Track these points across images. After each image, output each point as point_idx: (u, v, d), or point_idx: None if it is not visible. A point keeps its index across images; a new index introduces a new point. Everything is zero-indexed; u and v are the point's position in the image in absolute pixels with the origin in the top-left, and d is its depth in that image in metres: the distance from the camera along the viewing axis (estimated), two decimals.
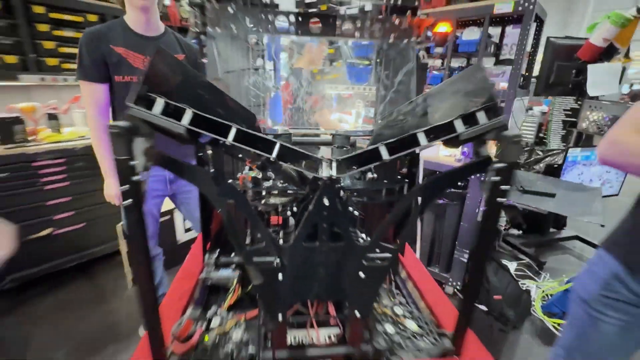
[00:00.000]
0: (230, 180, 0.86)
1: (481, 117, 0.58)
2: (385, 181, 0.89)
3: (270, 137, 0.54)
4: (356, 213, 0.87)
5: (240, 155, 0.85)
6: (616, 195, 2.50)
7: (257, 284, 0.63)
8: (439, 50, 1.91)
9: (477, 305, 1.97)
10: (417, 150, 0.58)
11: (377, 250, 0.64)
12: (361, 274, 0.64)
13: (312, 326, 0.72)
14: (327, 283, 0.67)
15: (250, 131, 0.53)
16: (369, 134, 1.03)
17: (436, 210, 1.96)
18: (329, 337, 0.72)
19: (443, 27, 1.86)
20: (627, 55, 2.23)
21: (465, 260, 1.92)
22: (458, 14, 1.90)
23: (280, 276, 0.63)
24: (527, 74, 2.04)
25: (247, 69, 0.89)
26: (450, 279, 2.03)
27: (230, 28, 0.75)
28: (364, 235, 0.88)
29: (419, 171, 0.80)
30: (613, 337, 0.85)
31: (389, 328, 0.81)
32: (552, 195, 1.73)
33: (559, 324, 1.82)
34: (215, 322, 0.78)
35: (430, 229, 2.04)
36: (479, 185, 1.72)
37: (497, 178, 0.59)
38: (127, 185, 0.50)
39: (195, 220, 1.59)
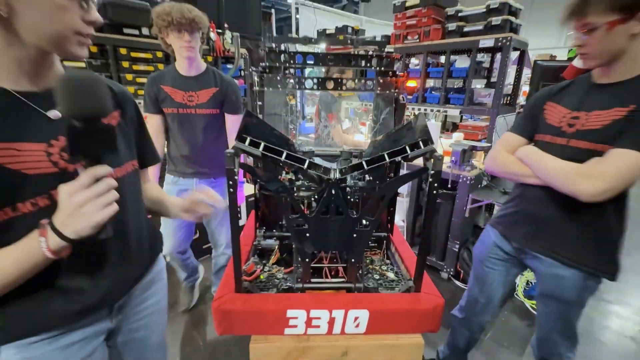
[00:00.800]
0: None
1: (421, 145, 1.01)
2: (377, 181, 1.33)
3: (301, 155, 1.00)
4: (354, 199, 1.31)
5: (281, 164, 1.32)
6: None
7: (294, 240, 1.09)
8: (409, 97, 2.33)
9: (465, 287, 2.34)
10: (385, 163, 1.02)
11: (364, 221, 1.08)
12: (354, 235, 1.08)
13: (325, 274, 1.17)
14: (335, 240, 1.12)
15: (292, 153, 0.99)
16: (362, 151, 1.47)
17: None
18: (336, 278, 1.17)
19: (412, 83, 2.35)
20: None
21: (457, 250, 2.30)
22: (451, 46, 2.31)
23: (307, 235, 1.08)
24: (512, 94, 2.40)
25: (286, 107, 1.37)
26: (445, 266, 2.41)
27: (277, 87, 1.22)
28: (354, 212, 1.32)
29: (399, 174, 1.24)
30: (497, 278, 1.31)
31: (376, 277, 1.25)
32: None
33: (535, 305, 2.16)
34: (265, 269, 1.25)
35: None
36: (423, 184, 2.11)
37: (432, 179, 1.01)
38: (231, 181, 0.97)
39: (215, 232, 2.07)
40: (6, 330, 0.63)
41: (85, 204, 0.53)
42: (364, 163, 0.99)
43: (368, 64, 1.21)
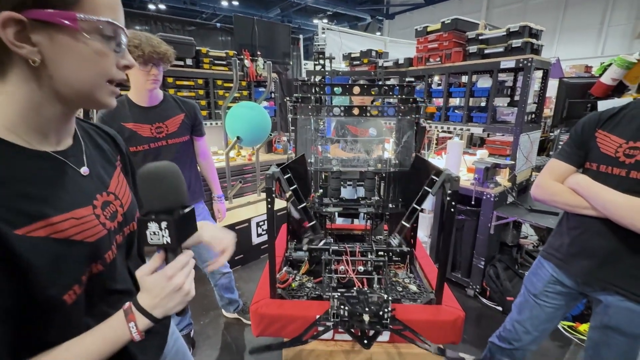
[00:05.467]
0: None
1: (436, 179, 1.11)
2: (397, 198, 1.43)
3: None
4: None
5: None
6: None
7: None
8: (429, 121, 2.42)
9: (493, 305, 2.32)
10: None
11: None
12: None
13: (353, 284, 1.27)
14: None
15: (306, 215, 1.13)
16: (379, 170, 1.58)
17: (456, 225, 2.38)
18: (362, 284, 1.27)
19: (430, 110, 2.49)
20: (638, 90, 2.47)
21: (482, 266, 2.30)
22: (472, 67, 2.39)
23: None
24: (536, 112, 2.42)
25: (315, 131, 1.52)
26: (471, 283, 2.41)
27: (309, 115, 1.38)
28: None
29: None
30: (554, 313, 1.26)
31: (399, 289, 1.33)
32: (556, 214, 2.07)
33: (568, 326, 2.10)
34: (296, 278, 1.38)
35: (451, 241, 2.46)
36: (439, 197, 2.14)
37: (450, 198, 1.10)
38: (269, 199, 1.12)
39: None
40: None
41: (183, 285, 0.56)
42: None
43: (390, 93, 1.33)
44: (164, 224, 0.54)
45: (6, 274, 0.44)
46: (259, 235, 2.90)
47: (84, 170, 0.58)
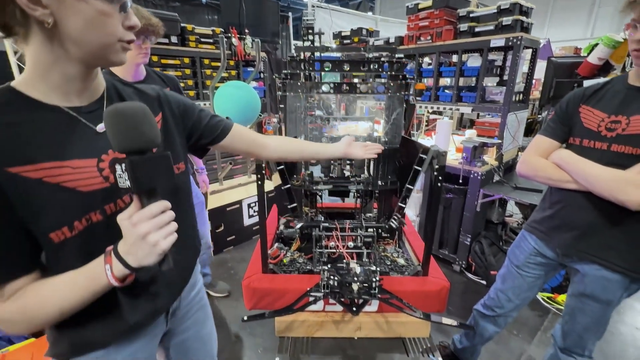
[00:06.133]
0: (295, 175, 1.48)
1: (424, 156, 1.12)
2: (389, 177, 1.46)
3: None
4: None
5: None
6: None
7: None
8: (418, 98, 2.42)
9: (478, 279, 2.42)
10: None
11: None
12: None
13: (343, 259, 1.31)
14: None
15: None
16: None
17: (444, 203, 2.44)
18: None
19: (420, 87, 2.47)
20: (623, 70, 2.51)
21: (468, 243, 2.38)
22: (463, 46, 2.38)
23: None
24: (524, 92, 2.45)
25: (305, 107, 1.51)
26: (457, 259, 2.50)
27: (298, 92, 1.36)
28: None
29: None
30: (534, 282, 1.33)
31: (387, 262, 1.38)
32: (540, 192, 2.14)
33: (547, 297, 2.21)
34: (287, 254, 1.41)
35: (439, 219, 2.53)
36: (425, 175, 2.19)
37: (437, 173, 1.13)
38: (259, 175, 1.13)
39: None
40: (77, 344, 0.67)
41: (148, 234, 0.53)
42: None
43: (380, 69, 1.33)
44: (123, 166, 0.51)
45: None
46: (250, 216, 2.92)
47: (100, 127, 0.62)
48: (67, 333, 0.65)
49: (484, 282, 2.37)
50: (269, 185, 2.32)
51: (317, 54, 1.48)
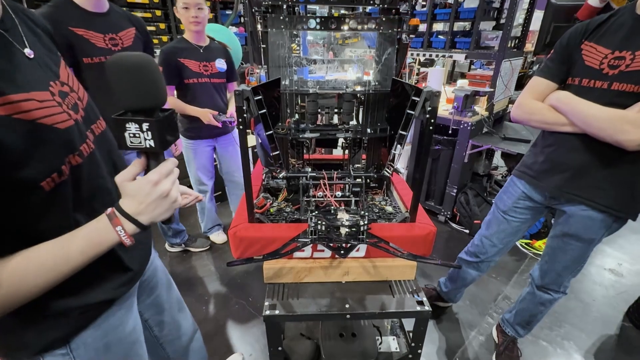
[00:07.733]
0: (279, 123, 1.40)
1: (416, 98, 1.05)
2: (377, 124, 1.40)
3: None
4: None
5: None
6: None
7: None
8: (411, 37, 2.26)
9: (461, 229, 2.50)
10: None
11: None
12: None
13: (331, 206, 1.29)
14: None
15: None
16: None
17: (432, 155, 2.43)
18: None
19: (414, 23, 2.30)
20: None
21: (454, 194, 2.42)
22: None
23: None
24: (521, 37, 2.33)
25: (288, 49, 1.38)
26: (443, 210, 2.55)
27: (280, 27, 1.23)
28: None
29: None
30: (520, 226, 1.36)
31: (376, 210, 1.37)
32: (528, 142, 2.14)
33: (525, 243, 2.32)
34: (274, 204, 1.38)
35: (427, 171, 2.53)
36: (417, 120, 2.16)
37: (429, 115, 1.07)
38: (240, 119, 1.04)
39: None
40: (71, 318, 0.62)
41: (170, 191, 0.53)
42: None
43: (371, 2, 1.20)
44: (145, 126, 0.48)
45: None
46: None
47: (28, 52, 0.52)
48: (65, 303, 0.59)
49: (467, 230, 2.45)
50: (252, 140, 2.23)
51: None
